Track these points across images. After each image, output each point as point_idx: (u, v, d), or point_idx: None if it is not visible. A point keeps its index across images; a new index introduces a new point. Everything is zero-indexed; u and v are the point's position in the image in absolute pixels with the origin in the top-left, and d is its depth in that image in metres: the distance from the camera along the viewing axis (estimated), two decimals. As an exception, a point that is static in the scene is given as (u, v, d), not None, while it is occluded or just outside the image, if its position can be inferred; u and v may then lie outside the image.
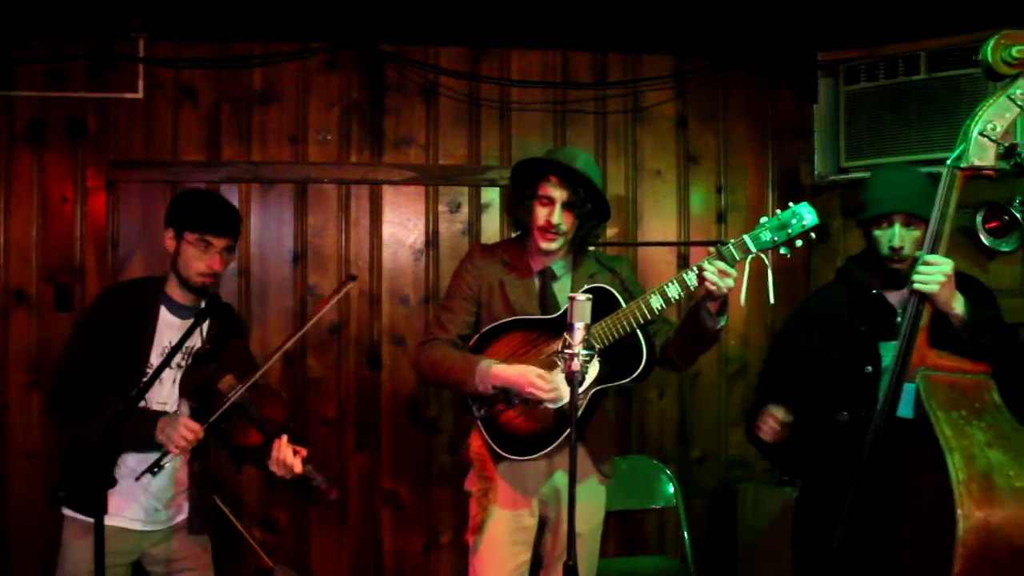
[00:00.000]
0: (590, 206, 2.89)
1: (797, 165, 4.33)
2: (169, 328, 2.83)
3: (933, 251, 2.43)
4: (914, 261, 2.56)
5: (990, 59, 2.35)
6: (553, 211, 2.84)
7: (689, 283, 2.64)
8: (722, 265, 2.59)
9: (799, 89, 4.33)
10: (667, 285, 2.68)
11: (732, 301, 2.69)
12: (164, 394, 2.81)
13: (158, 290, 2.86)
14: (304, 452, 2.79)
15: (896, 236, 2.65)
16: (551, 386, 2.67)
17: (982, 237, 3.65)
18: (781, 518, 3.10)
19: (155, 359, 2.78)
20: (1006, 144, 2.37)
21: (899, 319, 2.58)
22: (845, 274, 2.87)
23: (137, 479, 2.71)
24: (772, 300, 2.61)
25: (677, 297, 2.68)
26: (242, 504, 4.00)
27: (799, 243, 2.58)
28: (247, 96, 4.09)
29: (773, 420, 2.76)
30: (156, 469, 2.67)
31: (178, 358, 2.80)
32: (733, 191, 4.36)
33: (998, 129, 2.37)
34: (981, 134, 2.37)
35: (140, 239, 3.99)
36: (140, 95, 4.01)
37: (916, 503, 2.35)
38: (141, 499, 2.82)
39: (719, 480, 4.29)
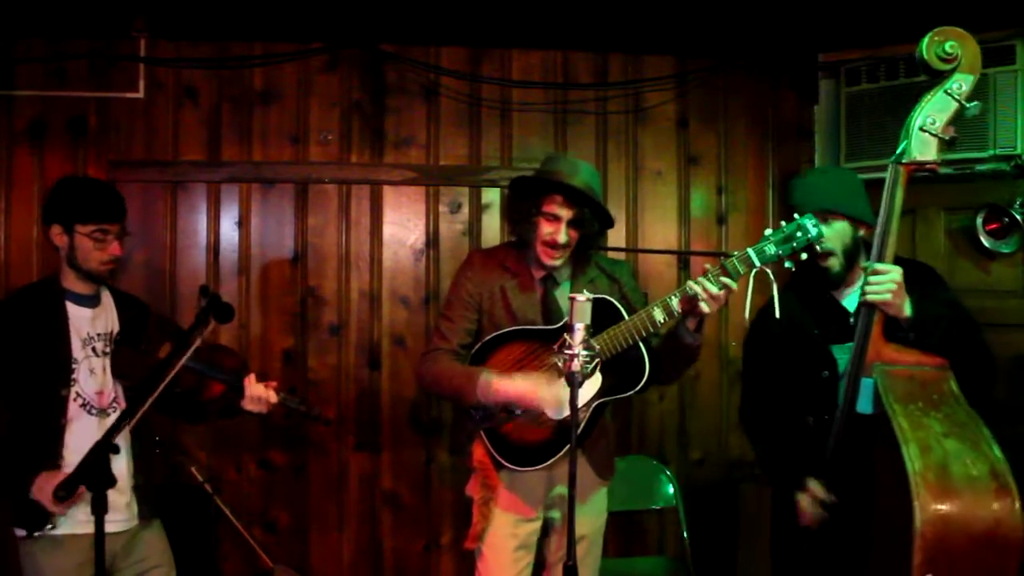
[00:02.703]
0: (597, 225, 2.88)
1: (798, 166, 4.32)
2: (82, 320, 2.81)
3: (882, 247, 2.46)
4: (846, 253, 2.65)
5: (925, 56, 2.39)
6: (559, 229, 2.81)
7: (691, 296, 2.61)
8: (727, 280, 2.57)
9: (800, 90, 4.34)
10: (670, 298, 2.65)
11: (736, 317, 2.67)
12: (98, 384, 2.79)
13: (55, 288, 2.82)
14: (275, 384, 2.90)
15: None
16: (554, 397, 2.66)
17: (982, 239, 3.65)
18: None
19: (77, 353, 2.76)
20: (947, 138, 2.42)
21: (852, 320, 2.61)
22: (794, 277, 2.88)
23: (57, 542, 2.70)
24: (778, 315, 2.60)
25: (680, 310, 2.66)
26: (242, 505, 4.00)
27: (804, 256, 2.56)
28: (248, 96, 4.09)
29: (813, 502, 2.61)
30: (48, 528, 2.67)
31: (101, 346, 2.81)
32: (734, 192, 4.36)
33: (938, 124, 2.41)
34: (921, 129, 2.42)
35: (141, 239, 3.99)
36: (141, 95, 4.01)
37: (880, 498, 2.36)
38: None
39: (719, 481, 4.29)
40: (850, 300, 2.70)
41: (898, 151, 2.45)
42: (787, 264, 2.58)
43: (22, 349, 2.71)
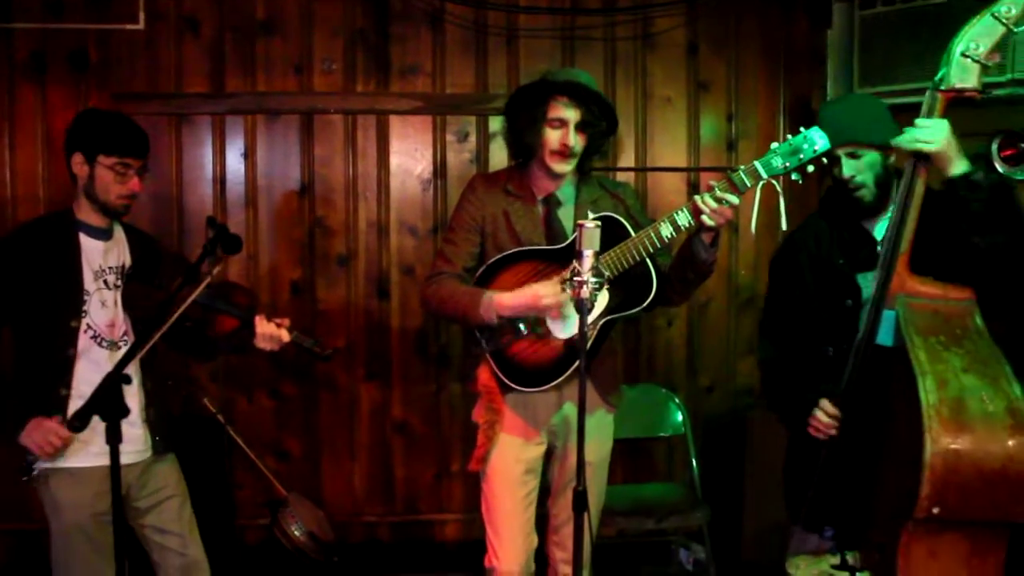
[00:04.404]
0: (604, 124, 2.84)
1: (809, 92, 4.26)
2: (94, 252, 2.79)
3: (912, 179, 2.38)
4: (878, 182, 2.58)
5: None
6: (567, 133, 2.76)
7: (700, 210, 2.60)
8: (730, 197, 2.55)
9: (813, 14, 4.24)
10: (677, 213, 2.64)
11: (744, 227, 2.66)
12: (109, 316, 2.79)
13: (70, 219, 2.79)
14: (287, 321, 2.91)
15: (845, 168, 2.61)
16: (555, 296, 2.65)
17: (997, 165, 3.60)
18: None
19: (88, 284, 2.75)
20: (991, 64, 2.30)
21: (879, 248, 2.56)
22: (824, 205, 2.84)
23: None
24: (785, 227, 2.59)
25: (687, 225, 2.64)
26: (255, 435, 4.05)
27: (811, 168, 2.54)
28: (250, 26, 4.03)
29: (827, 418, 2.57)
30: (26, 477, 2.70)
31: (112, 279, 2.81)
32: (744, 119, 4.30)
33: (981, 49, 2.28)
34: (963, 55, 2.29)
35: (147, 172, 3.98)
36: (141, 26, 3.96)
37: (893, 432, 2.35)
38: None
39: (728, 409, 4.32)
40: (879, 228, 2.65)
41: (937, 77, 2.33)
42: (794, 176, 2.55)
43: (33, 279, 2.71)
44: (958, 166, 2.37)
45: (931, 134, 2.33)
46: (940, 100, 2.34)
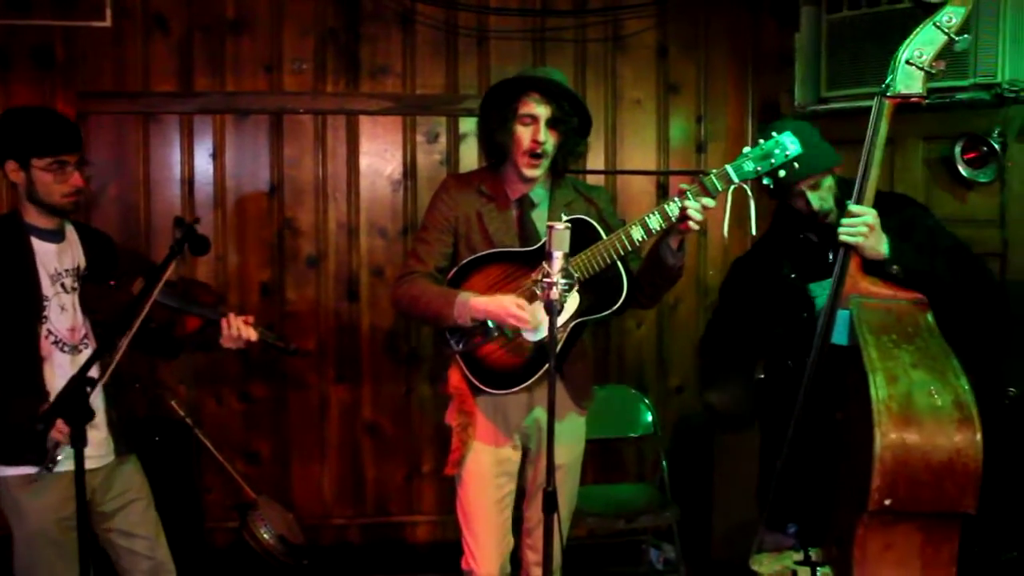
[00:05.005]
0: (576, 120, 2.84)
1: (777, 95, 4.29)
2: (48, 255, 2.72)
3: (864, 179, 2.47)
4: (836, 201, 2.67)
5: None
6: (538, 129, 2.75)
7: (671, 214, 2.61)
8: (706, 200, 2.57)
9: (781, 17, 4.27)
10: (648, 217, 2.65)
11: (715, 233, 2.68)
12: (69, 320, 2.73)
13: (18, 223, 2.72)
14: (252, 319, 2.85)
15: (813, 201, 2.68)
16: (530, 315, 2.66)
17: (960, 168, 3.65)
18: (759, 447, 3.15)
19: (46, 290, 2.69)
20: (935, 71, 2.41)
21: (830, 256, 2.63)
22: (772, 226, 2.88)
23: (34, 480, 2.67)
24: (755, 231, 2.61)
25: (658, 228, 2.65)
26: (223, 437, 4.02)
27: (782, 173, 2.56)
28: (219, 24, 4.00)
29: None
30: (51, 465, 2.64)
31: (69, 281, 2.75)
32: (713, 120, 4.34)
33: (925, 57, 2.40)
34: (908, 62, 2.42)
35: (114, 171, 3.95)
36: (108, 23, 3.91)
37: (850, 427, 2.40)
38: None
39: (697, 409, 4.34)
40: (823, 235, 2.71)
41: (884, 83, 2.44)
42: (765, 180, 2.58)
43: None
44: (881, 251, 2.50)
45: (856, 228, 2.46)
46: (887, 106, 2.46)
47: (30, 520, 2.67)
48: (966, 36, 2.41)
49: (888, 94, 2.44)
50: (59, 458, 2.62)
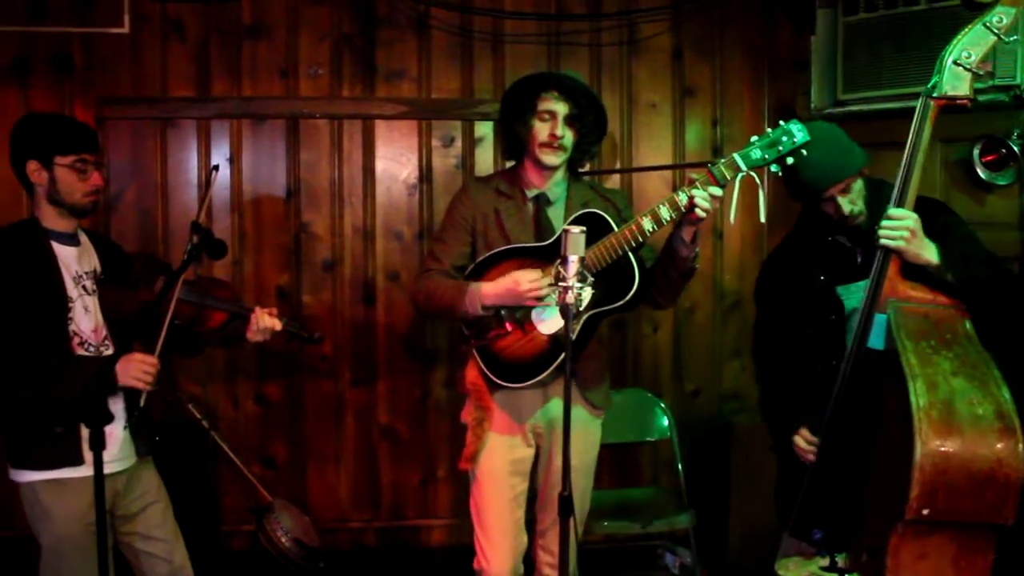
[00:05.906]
0: (591, 117, 2.87)
1: (793, 98, 4.28)
2: (69, 258, 2.76)
3: (906, 182, 2.40)
4: (867, 203, 2.60)
5: None
6: (556, 124, 2.81)
7: (681, 203, 2.61)
8: (714, 189, 2.57)
9: (796, 20, 4.26)
10: (659, 207, 2.65)
11: (728, 233, 2.67)
12: (92, 321, 2.76)
13: (37, 228, 2.75)
14: (275, 311, 2.96)
15: (844, 206, 2.61)
16: (537, 279, 2.68)
17: (979, 170, 3.62)
18: (775, 452, 3.13)
19: (71, 291, 2.72)
20: (982, 73, 2.34)
21: (859, 259, 2.61)
22: (799, 224, 2.86)
23: (127, 427, 2.74)
24: (764, 219, 2.61)
25: (668, 219, 2.65)
26: (240, 440, 4.03)
27: (790, 160, 2.56)
28: (236, 30, 4.02)
29: (806, 444, 2.66)
30: (136, 412, 2.69)
31: (89, 284, 2.78)
32: (729, 124, 4.32)
33: (973, 58, 2.32)
34: (955, 63, 2.33)
35: (132, 176, 3.97)
36: (126, 30, 3.94)
37: (885, 433, 2.37)
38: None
39: (713, 413, 4.33)
40: (854, 238, 2.68)
41: (929, 84, 2.37)
42: (773, 168, 2.58)
43: (15, 291, 2.64)
44: (928, 257, 2.42)
45: (897, 232, 2.39)
46: (932, 107, 2.37)
47: (58, 526, 2.68)
48: (1017, 37, 2.35)
49: (934, 95, 2.35)
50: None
